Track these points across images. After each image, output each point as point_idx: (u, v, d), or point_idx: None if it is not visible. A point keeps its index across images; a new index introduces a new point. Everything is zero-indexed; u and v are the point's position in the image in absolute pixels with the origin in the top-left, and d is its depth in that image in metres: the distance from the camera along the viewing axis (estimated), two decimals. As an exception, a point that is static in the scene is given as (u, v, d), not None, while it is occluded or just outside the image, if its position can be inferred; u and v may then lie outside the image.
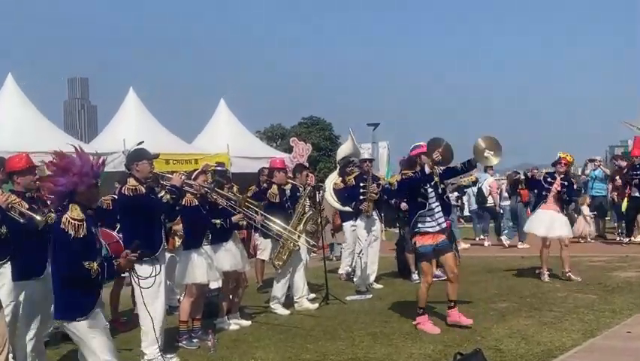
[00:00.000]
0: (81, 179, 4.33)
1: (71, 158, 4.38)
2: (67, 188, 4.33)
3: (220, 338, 7.05)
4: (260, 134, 43.32)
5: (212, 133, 18.80)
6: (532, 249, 13.97)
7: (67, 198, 4.39)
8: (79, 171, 4.33)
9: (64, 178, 4.32)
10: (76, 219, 4.29)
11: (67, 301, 4.37)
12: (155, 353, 6.01)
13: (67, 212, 4.30)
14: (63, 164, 4.35)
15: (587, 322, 6.94)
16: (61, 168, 4.34)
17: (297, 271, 8.66)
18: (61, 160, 4.36)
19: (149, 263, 5.88)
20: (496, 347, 6.10)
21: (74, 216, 4.29)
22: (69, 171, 4.32)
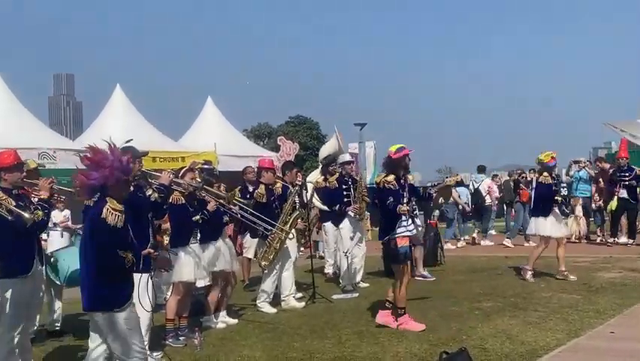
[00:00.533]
0: (113, 173, 4.41)
1: (104, 153, 4.45)
2: (99, 182, 4.41)
3: (207, 336, 7.05)
4: (247, 133, 43.28)
5: (200, 131, 18.81)
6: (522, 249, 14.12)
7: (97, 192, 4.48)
8: (111, 166, 4.40)
9: (97, 172, 4.40)
10: (116, 210, 4.38)
11: (101, 293, 4.41)
12: None
13: (108, 203, 4.38)
14: (97, 158, 4.42)
15: (571, 322, 7.01)
16: (94, 162, 4.42)
17: (284, 270, 8.68)
18: (95, 155, 4.43)
19: None
20: (481, 346, 6.15)
21: (114, 207, 4.38)
22: (102, 165, 4.40)
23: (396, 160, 7.24)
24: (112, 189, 4.44)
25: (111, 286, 4.39)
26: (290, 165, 9.87)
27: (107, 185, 4.43)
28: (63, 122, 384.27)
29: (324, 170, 10.94)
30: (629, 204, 13.67)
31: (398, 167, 7.26)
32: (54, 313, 7.58)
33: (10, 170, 5.65)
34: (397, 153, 7.24)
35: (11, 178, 5.65)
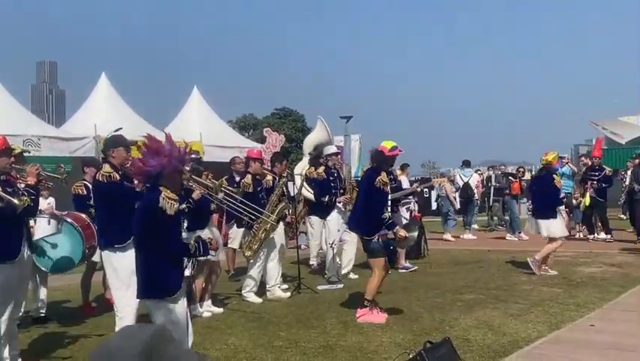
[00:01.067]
0: (170, 162, 4.49)
1: (161, 142, 4.53)
2: (156, 170, 4.48)
3: (192, 324, 7.04)
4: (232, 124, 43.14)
5: (185, 121, 18.71)
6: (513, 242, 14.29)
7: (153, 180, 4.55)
8: (169, 155, 4.48)
9: (154, 160, 4.47)
10: (172, 199, 4.47)
11: (154, 281, 4.51)
12: None
13: (163, 193, 4.45)
14: (155, 146, 4.50)
15: (552, 314, 7.12)
16: (152, 150, 4.50)
17: (270, 260, 8.72)
18: (153, 143, 4.52)
19: (122, 250, 5.97)
20: (463, 337, 6.24)
21: (170, 196, 4.46)
22: (160, 153, 4.48)
23: (388, 157, 7.41)
24: (167, 177, 4.52)
25: (164, 274, 4.49)
26: (280, 156, 9.89)
27: (163, 173, 4.50)
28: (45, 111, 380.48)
29: (314, 161, 10.93)
30: (596, 202, 13.93)
31: (388, 164, 7.50)
32: (39, 299, 7.59)
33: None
34: (392, 151, 7.37)
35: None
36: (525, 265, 10.08)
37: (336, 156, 10.32)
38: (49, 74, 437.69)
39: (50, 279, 7.97)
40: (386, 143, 7.45)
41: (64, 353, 6.24)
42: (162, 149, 4.49)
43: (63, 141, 14.29)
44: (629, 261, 10.92)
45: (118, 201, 6.07)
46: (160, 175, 4.50)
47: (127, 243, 5.95)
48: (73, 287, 8.68)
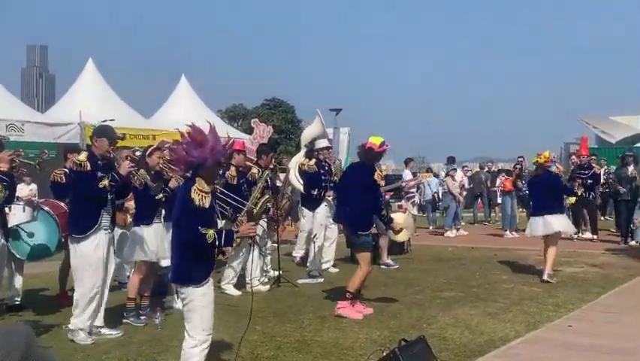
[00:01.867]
0: (212, 154, 4.53)
1: (205, 134, 4.56)
2: (197, 160, 4.52)
3: (168, 316, 7.01)
4: (221, 114, 42.93)
5: (172, 109, 18.61)
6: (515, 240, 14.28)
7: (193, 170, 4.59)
8: (212, 147, 4.52)
9: (196, 151, 4.50)
10: (203, 191, 4.49)
11: (184, 267, 4.58)
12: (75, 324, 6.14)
13: (196, 183, 4.50)
14: (199, 138, 4.53)
15: (531, 314, 7.12)
16: (196, 141, 4.52)
17: (250, 253, 8.64)
18: (197, 134, 4.54)
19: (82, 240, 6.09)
20: (440, 335, 6.22)
21: (201, 188, 4.49)
22: (203, 145, 4.50)
23: (378, 153, 7.48)
24: (206, 169, 4.55)
25: (192, 262, 4.53)
26: (266, 148, 9.80)
27: (204, 165, 4.52)
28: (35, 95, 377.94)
29: (309, 153, 10.89)
30: (586, 200, 13.91)
31: (377, 159, 7.59)
32: (14, 287, 7.49)
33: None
34: (381, 146, 7.43)
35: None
36: (506, 264, 10.08)
37: (326, 150, 10.30)
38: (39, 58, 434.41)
39: (29, 266, 7.88)
40: (374, 139, 7.47)
41: (39, 342, 6.13)
42: (206, 141, 4.51)
43: (47, 127, 14.19)
44: (611, 262, 10.94)
45: (82, 190, 6.10)
46: (200, 166, 4.53)
47: (87, 233, 6.05)
48: (52, 275, 8.59)
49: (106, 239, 6.24)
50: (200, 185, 4.50)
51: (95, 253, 6.14)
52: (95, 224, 6.12)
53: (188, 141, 4.55)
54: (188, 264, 4.55)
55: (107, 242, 6.26)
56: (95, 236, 6.15)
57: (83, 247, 6.14)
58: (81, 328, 6.13)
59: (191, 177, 4.62)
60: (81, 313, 6.15)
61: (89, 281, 6.15)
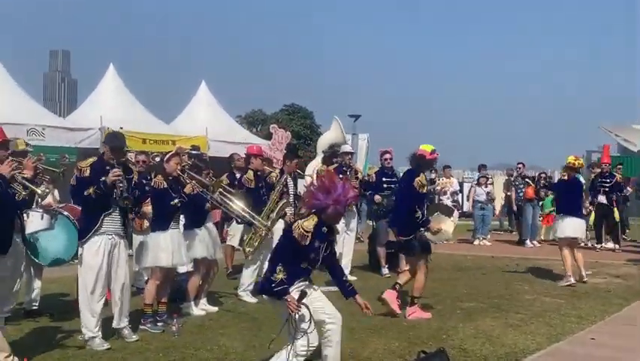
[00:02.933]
0: (334, 205, 4.83)
1: (336, 183, 4.88)
2: (320, 206, 4.85)
3: (185, 323, 6.98)
4: (240, 119, 43.03)
5: (192, 115, 18.68)
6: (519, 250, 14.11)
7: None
8: (336, 199, 4.81)
9: (322, 196, 4.83)
10: (305, 230, 4.79)
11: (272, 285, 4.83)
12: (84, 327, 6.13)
13: (304, 220, 4.85)
14: (328, 185, 4.86)
15: (553, 326, 6.99)
16: (325, 187, 4.86)
17: (266, 259, 8.59)
18: (329, 181, 4.91)
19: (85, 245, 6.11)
20: (460, 347, 6.12)
21: (305, 227, 4.80)
22: (329, 194, 4.81)
23: (429, 160, 7.73)
24: (327, 215, 4.87)
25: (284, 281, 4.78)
26: (291, 155, 9.86)
27: (324, 210, 4.84)
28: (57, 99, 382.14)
29: (327, 160, 10.87)
30: (607, 210, 13.70)
31: (428, 166, 8.01)
32: (32, 292, 7.49)
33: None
34: (432, 154, 7.62)
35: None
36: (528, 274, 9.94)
37: (348, 155, 10.29)
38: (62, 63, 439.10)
39: (47, 271, 7.88)
40: (425, 146, 7.67)
41: (55, 348, 6.14)
42: (333, 191, 4.81)
43: (68, 132, 14.28)
44: (633, 273, 10.78)
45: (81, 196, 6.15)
46: (321, 210, 4.85)
47: (86, 237, 6.09)
48: (70, 280, 8.58)
49: (109, 245, 6.18)
50: (306, 223, 4.81)
51: (94, 258, 6.09)
52: (92, 228, 6.10)
53: (319, 184, 4.91)
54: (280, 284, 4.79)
55: (110, 248, 6.19)
56: (95, 241, 6.10)
57: (84, 252, 6.14)
58: (93, 335, 6.09)
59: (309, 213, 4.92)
60: (87, 320, 6.11)
61: (90, 287, 6.11)
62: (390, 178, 10.72)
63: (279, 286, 4.75)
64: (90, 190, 5.99)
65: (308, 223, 4.81)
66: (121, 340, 6.34)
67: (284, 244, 4.96)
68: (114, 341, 6.27)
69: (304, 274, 4.96)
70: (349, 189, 4.96)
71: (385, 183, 10.59)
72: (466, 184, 22.12)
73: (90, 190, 5.99)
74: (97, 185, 6.01)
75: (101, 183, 6.03)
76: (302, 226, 4.80)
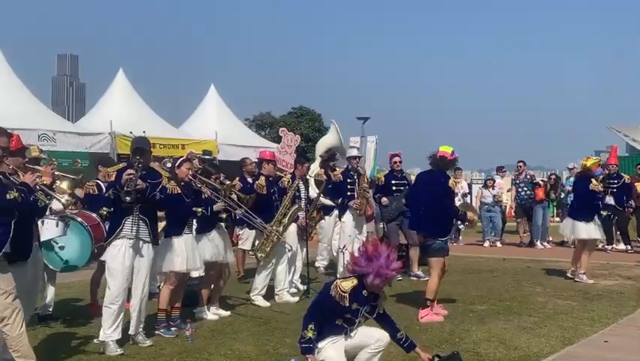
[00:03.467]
0: (375, 274, 4.82)
1: (380, 252, 4.84)
2: (361, 272, 4.86)
3: (198, 327, 7.01)
4: (249, 122, 43.09)
5: (201, 119, 18.72)
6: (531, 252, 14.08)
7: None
8: (377, 268, 4.81)
9: (364, 262, 4.84)
10: (343, 291, 4.81)
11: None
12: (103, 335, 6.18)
13: (341, 280, 4.92)
14: (372, 253, 4.84)
15: (566, 329, 6.97)
16: (369, 254, 4.85)
17: (279, 264, 8.63)
18: (374, 249, 4.87)
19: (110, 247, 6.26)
20: (473, 350, 6.11)
21: (343, 287, 4.83)
22: (371, 262, 4.82)
23: (451, 161, 7.89)
24: (367, 282, 4.86)
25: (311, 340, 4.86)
26: (302, 159, 9.90)
27: (365, 277, 4.84)
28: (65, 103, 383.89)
29: (324, 163, 10.87)
30: (616, 211, 13.65)
31: (450, 167, 8.09)
32: (47, 297, 7.54)
33: (13, 154, 5.57)
34: (453, 155, 7.83)
35: (13, 162, 5.56)
36: (539, 276, 9.91)
37: (355, 160, 10.28)
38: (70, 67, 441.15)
39: (60, 276, 7.92)
40: (445, 148, 7.86)
41: (69, 353, 6.18)
42: (376, 260, 4.80)
43: (79, 136, 14.32)
44: (646, 274, 10.70)
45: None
46: (363, 276, 4.86)
47: (109, 240, 6.23)
48: (84, 285, 8.62)
49: (130, 248, 6.26)
50: (344, 284, 4.85)
51: (115, 261, 6.21)
52: (113, 232, 6.25)
53: (364, 250, 4.89)
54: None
55: (131, 251, 6.27)
56: (117, 244, 6.22)
57: (107, 255, 6.30)
58: (110, 339, 6.14)
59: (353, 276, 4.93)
60: (108, 324, 6.17)
61: (113, 290, 6.21)
62: (400, 181, 10.73)
63: (306, 343, 4.82)
64: (109, 192, 6.18)
65: (346, 284, 4.85)
66: (135, 345, 6.38)
67: (320, 299, 5.00)
68: (128, 347, 6.31)
69: (339, 331, 4.93)
70: (393, 260, 4.90)
71: (395, 185, 10.61)
72: (475, 186, 22.04)
73: (109, 192, 6.18)
74: (114, 186, 6.16)
75: (116, 184, 6.15)
76: (340, 285, 4.83)
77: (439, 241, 7.67)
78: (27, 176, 5.19)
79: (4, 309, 4.92)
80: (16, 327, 4.98)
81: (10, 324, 4.95)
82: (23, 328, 5.05)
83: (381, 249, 4.87)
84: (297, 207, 8.76)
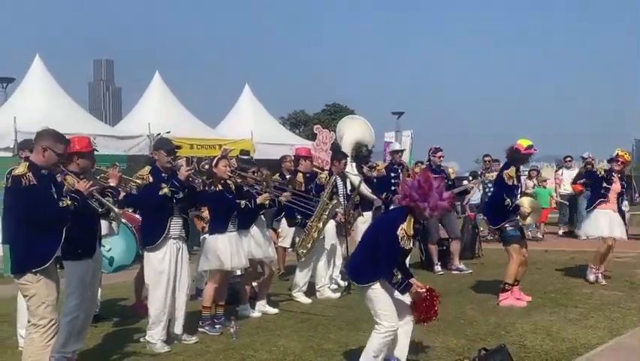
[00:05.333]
0: (430, 207, 4.96)
1: (432, 184, 4.99)
2: (415, 205, 4.97)
3: (242, 325, 7.05)
4: (283, 120, 43.28)
5: (236, 119, 18.83)
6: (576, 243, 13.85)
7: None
8: (432, 201, 4.95)
9: (418, 196, 4.95)
10: (408, 235, 4.99)
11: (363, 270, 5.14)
12: (151, 336, 6.27)
13: (405, 223, 4.98)
14: (425, 190, 4.96)
15: (613, 319, 6.86)
16: (422, 190, 4.96)
17: (319, 260, 8.65)
18: (427, 185, 4.98)
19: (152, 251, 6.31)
20: (520, 343, 6.05)
21: (408, 231, 4.99)
22: (426, 195, 4.95)
23: (524, 155, 7.89)
24: (418, 213, 5.00)
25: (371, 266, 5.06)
26: (339, 155, 9.86)
27: (420, 210, 4.96)
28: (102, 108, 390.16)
29: (360, 159, 10.87)
30: None
31: (522, 161, 8.06)
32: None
33: (84, 156, 5.68)
34: (527, 149, 7.81)
35: (83, 164, 5.68)
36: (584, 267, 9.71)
37: (397, 154, 10.27)
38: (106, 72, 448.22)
39: (105, 277, 8.04)
40: (522, 141, 7.86)
41: (117, 352, 6.29)
42: (430, 193, 4.94)
43: (118, 140, 14.52)
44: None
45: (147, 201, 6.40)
46: (416, 209, 4.97)
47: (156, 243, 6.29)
48: (128, 285, 8.75)
49: (174, 249, 6.35)
50: (408, 227, 4.96)
51: (162, 263, 6.29)
52: (162, 233, 6.28)
53: (417, 183, 5.00)
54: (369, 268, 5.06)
55: (175, 252, 6.37)
56: (164, 246, 6.30)
57: (153, 258, 6.33)
58: (157, 339, 6.24)
59: (402, 211, 5.06)
60: (156, 325, 6.28)
61: (161, 292, 6.30)
62: (438, 175, 10.64)
63: (402, 284, 5.02)
64: (165, 190, 6.13)
65: (409, 227, 4.99)
66: (180, 343, 6.46)
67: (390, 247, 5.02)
68: (174, 345, 6.39)
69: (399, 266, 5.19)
70: (443, 191, 5.08)
71: (434, 180, 10.53)
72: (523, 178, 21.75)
73: (165, 190, 6.13)
74: (171, 184, 6.20)
75: (175, 181, 6.23)
76: (405, 230, 4.96)
77: (507, 228, 7.84)
78: (80, 184, 5.21)
79: (41, 318, 4.88)
80: (44, 338, 4.88)
81: (39, 333, 4.88)
82: (52, 341, 4.95)
83: (432, 181, 5.03)
84: (335, 203, 8.74)
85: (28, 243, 4.88)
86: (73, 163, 5.60)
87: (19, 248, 4.97)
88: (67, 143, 5.13)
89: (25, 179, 4.79)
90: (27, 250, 4.89)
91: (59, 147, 5.00)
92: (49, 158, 4.96)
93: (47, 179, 4.95)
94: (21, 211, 4.87)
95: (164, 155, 6.42)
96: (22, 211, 4.87)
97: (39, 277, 4.88)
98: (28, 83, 15.10)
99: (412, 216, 5.01)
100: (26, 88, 15.13)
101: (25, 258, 4.90)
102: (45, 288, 4.92)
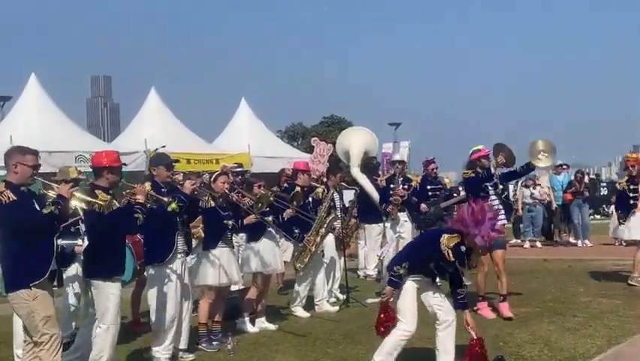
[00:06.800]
0: (481, 236, 5.15)
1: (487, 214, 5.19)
2: (465, 231, 5.19)
3: (240, 340, 7.01)
4: (281, 134, 43.30)
5: (234, 133, 18.86)
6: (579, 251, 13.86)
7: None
8: (484, 230, 5.14)
9: (470, 224, 5.16)
10: (448, 246, 5.19)
11: None
12: (157, 351, 6.24)
13: (445, 237, 5.22)
14: (478, 218, 5.16)
15: (612, 328, 6.85)
16: (475, 219, 5.17)
17: (317, 274, 8.64)
18: (481, 213, 5.18)
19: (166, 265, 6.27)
20: (518, 353, 6.04)
21: (448, 243, 5.20)
22: (478, 223, 5.15)
23: (471, 161, 7.98)
24: (468, 240, 5.21)
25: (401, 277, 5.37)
26: (335, 169, 9.91)
27: (469, 237, 5.18)
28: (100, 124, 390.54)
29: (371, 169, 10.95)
30: None
31: (475, 166, 8.00)
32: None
33: (113, 171, 5.69)
34: (472, 155, 7.96)
35: (112, 178, 5.71)
36: (582, 275, 9.74)
37: (401, 165, 10.33)
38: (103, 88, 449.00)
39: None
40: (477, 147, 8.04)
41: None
42: (482, 222, 5.13)
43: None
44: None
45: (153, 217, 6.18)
46: (467, 235, 5.18)
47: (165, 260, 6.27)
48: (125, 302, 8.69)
49: (180, 263, 6.35)
50: (449, 240, 5.18)
51: (170, 279, 6.27)
52: (172, 249, 6.26)
53: (470, 211, 5.18)
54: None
55: (180, 266, 6.37)
56: (173, 263, 6.30)
57: (161, 274, 6.27)
58: (161, 356, 6.20)
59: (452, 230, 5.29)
60: (161, 341, 6.24)
61: (170, 310, 6.25)
62: (435, 186, 10.68)
63: (396, 278, 5.30)
64: (173, 205, 5.94)
65: (451, 241, 5.19)
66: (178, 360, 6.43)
67: (422, 244, 5.46)
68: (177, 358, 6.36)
69: (428, 274, 5.42)
70: (496, 222, 5.27)
71: (430, 190, 10.55)
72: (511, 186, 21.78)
73: (173, 205, 5.94)
74: (177, 198, 6.10)
75: (181, 195, 6.16)
76: (445, 241, 5.19)
77: None
78: (62, 188, 5.07)
79: (42, 335, 4.89)
80: (50, 354, 4.90)
81: (45, 350, 4.88)
82: (58, 356, 4.96)
83: (487, 212, 5.21)
84: (332, 217, 8.75)
85: (20, 257, 4.87)
86: (103, 178, 5.65)
87: (10, 264, 4.96)
88: (34, 153, 5.10)
89: (4, 196, 4.78)
90: (20, 265, 4.88)
91: (28, 158, 5.00)
92: (23, 172, 4.95)
93: (27, 195, 4.97)
94: (8, 226, 4.86)
95: (163, 170, 6.40)
96: (9, 225, 4.85)
97: (35, 293, 4.87)
98: (24, 103, 15.18)
99: (460, 238, 5.20)
100: (21, 107, 15.21)
101: (19, 273, 4.88)
102: (42, 303, 4.91)
